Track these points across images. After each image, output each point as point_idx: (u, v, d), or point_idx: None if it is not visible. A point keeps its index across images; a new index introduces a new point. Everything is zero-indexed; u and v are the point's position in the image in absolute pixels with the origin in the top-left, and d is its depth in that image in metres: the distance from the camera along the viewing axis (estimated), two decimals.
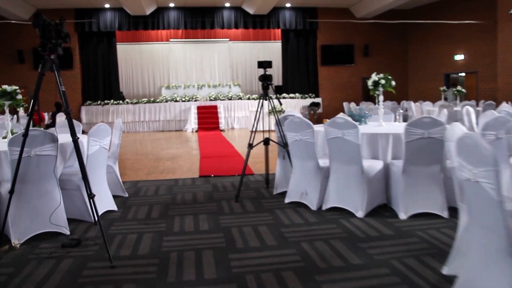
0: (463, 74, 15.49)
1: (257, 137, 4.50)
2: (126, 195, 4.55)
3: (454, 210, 3.66)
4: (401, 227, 3.39)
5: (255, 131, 4.45)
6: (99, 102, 14.59)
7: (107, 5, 14.27)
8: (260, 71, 4.54)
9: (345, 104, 14.47)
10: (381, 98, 4.84)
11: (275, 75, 15.96)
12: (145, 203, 4.29)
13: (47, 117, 11.42)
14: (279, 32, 16.63)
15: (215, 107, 14.48)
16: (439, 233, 3.23)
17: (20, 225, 3.04)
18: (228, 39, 16.87)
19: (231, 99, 15.07)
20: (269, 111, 4.42)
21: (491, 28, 13.36)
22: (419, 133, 3.48)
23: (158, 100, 14.86)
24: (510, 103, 8.62)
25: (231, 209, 4.01)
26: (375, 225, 3.45)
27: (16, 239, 3.00)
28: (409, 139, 3.50)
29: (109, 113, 14.41)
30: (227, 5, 14.98)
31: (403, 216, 3.62)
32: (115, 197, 4.39)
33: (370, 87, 4.68)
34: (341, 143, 3.67)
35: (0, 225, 2.95)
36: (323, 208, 3.89)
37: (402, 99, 14.86)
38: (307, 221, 3.57)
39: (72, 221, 3.52)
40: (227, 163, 6.75)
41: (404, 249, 2.91)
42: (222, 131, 13.57)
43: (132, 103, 14.65)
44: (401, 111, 5.44)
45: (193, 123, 13.94)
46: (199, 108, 14.40)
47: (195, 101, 14.91)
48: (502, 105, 8.50)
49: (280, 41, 16.52)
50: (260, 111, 4.31)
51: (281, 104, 4.26)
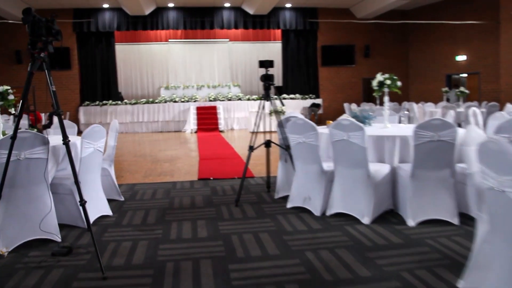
0: (465, 75, 15.36)
1: (258, 139, 4.33)
2: (122, 199, 4.38)
3: (464, 216, 3.52)
4: (410, 235, 3.22)
5: (256, 131, 4.28)
6: (97, 102, 14.42)
7: (105, 5, 14.11)
8: (261, 71, 4.36)
9: (345, 105, 14.33)
10: (386, 99, 4.69)
11: (275, 76, 15.79)
12: (141, 207, 4.12)
13: (44, 117, 11.27)
14: (279, 32, 16.50)
15: (215, 108, 14.32)
16: (450, 241, 3.07)
17: (8, 232, 2.87)
18: (227, 40, 16.73)
19: (230, 100, 14.92)
20: (269, 111, 4.24)
21: (493, 28, 13.23)
22: (429, 136, 3.32)
23: (157, 100, 14.69)
24: None
25: (231, 214, 3.84)
26: (382, 232, 3.29)
27: (4, 247, 2.83)
28: (418, 142, 3.34)
29: (107, 113, 14.25)
30: (227, 5, 14.84)
31: (411, 223, 3.46)
32: (111, 201, 4.23)
33: (374, 88, 4.53)
34: (347, 146, 3.50)
35: None
36: (327, 213, 3.73)
37: (403, 100, 14.72)
38: (310, 228, 3.40)
39: (64, 227, 3.35)
40: (226, 165, 6.59)
41: (414, 260, 2.75)
42: (221, 132, 13.41)
43: (130, 103, 14.48)
44: (406, 112, 5.28)
45: (192, 124, 13.77)
46: (199, 108, 14.24)
47: (194, 101, 14.75)
48: (507, 106, 8.36)
49: (280, 41, 16.39)
50: (261, 113, 4.14)
51: (283, 105, 4.10)
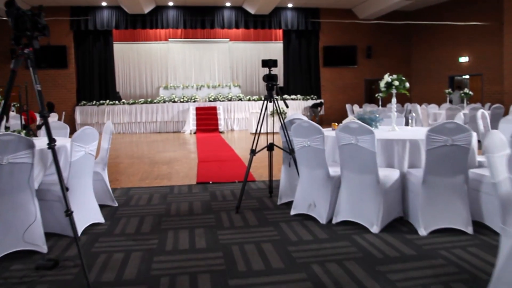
0: (467, 76, 15.15)
1: (260, 140, 4.10)
2: (115, 204, 4.15)
3: (477, 224, 3.31)
4: (423, 246, 3.01)
5: (258, 133, 4.03)
6: (94, 102, 14.19)
7: (104, 3, 13.90)
8: (263, 71, 4.14)
9: (347, 106, 14.12)
10: (394, 100, 4.47)
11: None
12: (136, 214, 3.90)
13: (38, 117, 11.05)
14: (280, 32, 16.30)
15: (215, 108, 14.10)
16: (466, 253, 2.86)
17: None
18: (228, 39, 16.52)
19: (230, 100, 14.72)
20: (271, 112, 4.01)
21: (497, 30, 13.04)
22: (442, 140, 3.10)
23: (155, 100, 14.47)
24: None
25: (231, 222, 3.62)
26: (393, 242, 3.07)
27: None
28: (430, 147, 3.12)
29: (105, 113, 14.02)
30: (228, 4, 14.63)
31: (423, 232, 3.24)
32: (104, 207, 4.01)
33: (382, 89, 4.31)
34: (355, 150, 3.29)
35: None
36: (333, 221, 3.51)
37: (405, 101, 14.52)
38: (316, 238, 3.19)
39: (52, 236, 3.13)
40: (226, 168, 6.37)
41: (429, 274, 2.53)
42: (221, 133, 13.19)
43: (128, 103, 14.26)
44: (414, 114, 5.06)
45: (191, 124, 13.55)
46: (198, 109, 14.02)
47: (194, 102, 14.53)
48: None
49: (281, 41, 16.18)
50: (264, 114, 3.92)
51: (287, 106, 3.87)
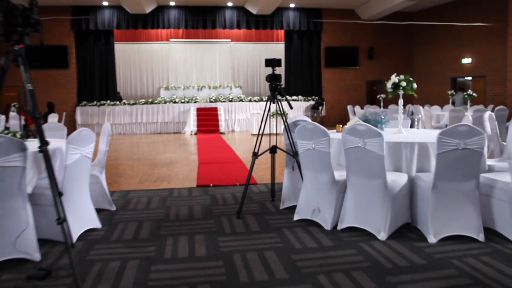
0: (470, 78, 15.00)
1: (262, 141, 3.95)
2: (113, 208, 4.02)
3: (488, 231, 3.17)
4: (433, 254, 2.87)
5: (262, 133, 3.89)
6: (95, 102, 14.08)
7: (105, 3, 13.79)
8: (265, 72, 4.01)
9: (349, 107, 13.99)
10: (400, 102, 4.33)
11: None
12: (134, 218, 3.77)
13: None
14: (282, 33, 16.18)
15: (215, 109, 13.97)
16: (479, 262, 2.72)
17: None
18: (229, 40, 16.39)
19: (231, 101, 14.59)
20: (271, 113, 3.87)
21: (501, 31, 12.90)
22: (454, 144, 2.97)
23: (156, 101, 14.35)
24: None
25: (233, 227, 3.48)
26: (401, 250, 2.94)
27: None
28: (442, 151, 2.99)
29: (105, 114, 13.90)
30: (230, 4, 14.51)
31: (432, 239, 3.11)
32: (101, 211, 3.89)
33: (389, 90, 4.17)
34: (362, 153, 3.15)
35: None
36: (339, 228, 3.38)
37: (407, 103, 14.39)
38: (321, 245, 3.05)
39: (46, 242, 3.00)
40: (227, 171, 6.24)
41: (442, 286, 2.40)
42: (222, 134, 13.07)
43: (129, 104, 14.14)
44: (420, 116, 4.93)
45: (192, 125, 13.43)
46: (199, 109, 13.90)
47: (195, 102, 14.41)
48: None
49: (283, 42, 16.05)
50: (267, 115, 3.78)
51: (291, 107, 3.73)
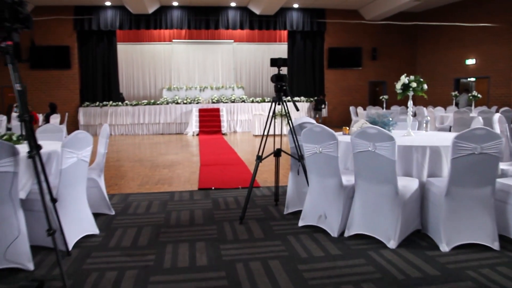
0: (473, 79, 14.78)
1: (266, 142, 3.80)
2: (112, 213, 3.89)
3: (502, 239, 3.02)
4: (446, 264, 2.73)
5: (266, 135, 3.74)
6: (97, 103, 13.99)
7: (107, 3, 13.69)
8: (267, 72, 3.88)
9: (351, 108, 13.84)
10: (410, 103, 4.20)
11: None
12: (133, 224, 3.63)
13: (41, 118, 10.84)
14: (285, 34, 16.05)
15: (218, 110, 13.86)
16: (495, 273, 2.58)
17: None
18: (232, 41, 16.28)
19: (234, 102, 14.48)
20: (274, 114, 3.73)
21: (505, 32, 12.72)
22: (470, 148, 2.82)
23: (158, 102, 14.25)
24: None
25: (235, 234, 3.35)
26: (413, 260, 2.79)
27: None
28: (457, 155, 2.84)
29: (108, 115, 13.81)
30: (233, 4, 14.39)
31: (445, 248, 2.96)
32: (100, 216, 3.76)
33: (398, 91, 4.03)
34: (372, 158, 3.01)
35: None
36: (346, 235, 3.23)
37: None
38: (328, 254, 2.91)
39: (41, 250, 2.87)
40: (229, 173, 6.10)
41: None
42: (224, 135, 12.94)
43: (131, 104, 14.04)
44: (429, 118, 4.77)
45: (194, 126, 13.31)
46: (201, 110, 13.78)
47: (197, 103, 14.30)
48: None
49: (286, 43, 15.92)
50: (272, 117, 3.64)
51: (298, 109, 3.59)
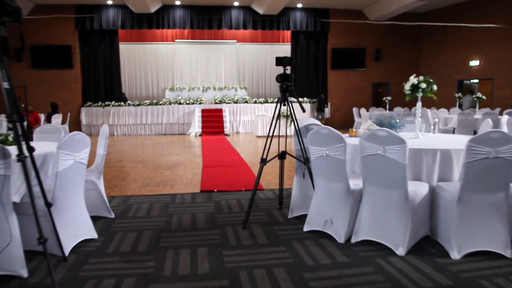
0: (476, 80, 14.62)
1: (269, 143, 3.69)
2: (112, 216, 3.79)
3: None
4: (458, 273, 2.61)
5: (271, 137, 3.63)
6: (99, 103, 13.92)
7: (109, 2, 13.62)
8: (270, 73, 3.77)
9: (354, 109, 13.71)
10: (418, 104, 4.08)
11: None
12: (133, 227, 3.53)
13: (43, 118, 10.77)
14: (288, 34, 15.95)
15: (220, 111, 13.76)
16: (510, 283, 2.45)
17: None
18: (235, 41, 16.19)
19: (237, 103, 14.38)
20: (278, 115, 3.62)
21: (510, 33, 12.56)
22: (485, 152, 2.70)
23: (161, 102, 14.17)
24: None
25: (238, 239, 3.23)
26: (423, 268, 2.67)
27: None
28: (470, 159, 2.72)
29: (110, 115, 13.74)
30: (236, 4, 14.29)
31: (455, 255, 2.84)
32: (99, 219, 3.66)
33: (407, 92, 3.92)
34: (381, 161, 2.89)
35: None
36: (352, 241, 3.12)
37: (413, 105, 14.07)
38: (335, 261, 2.79)
39: (36, 255, 2.77)
40: (232, 175, 5.99)
41: None
42: (226, 135, 12.84)
43: (134, 105, 13.96)
44: (437, 120, 4.65)
45: (196, 126, 13.22)
46: (204, 111, 13.69)
47: (200, 103, 14.21)
48: None
49: (289, 43, 15.82)
50: (277, 118, 3.53)
51: (304, 110, 3.48)
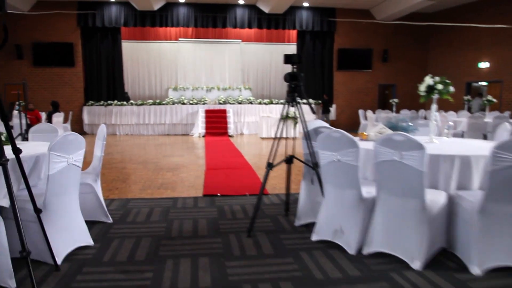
0: (485, 83, 14.34)
1: (273, 145, 3.50)
2: (109, 220, 3.60)
3: None
4: None
5: (278, 139, 3.44)
6: (102, 102, 13.77)
7: None
8: (275, 73, 3.58)
9: (360, 111, 13.50)
10: (434, 107, 3.86)
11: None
12: (132, 234, 3.34)
13: (44, 116, 10.64)
14: (293, 34, 15.74)
15: (224, 111, 13.57)
16: None
17: None
18: (240, 40, 16.00)
19: (241, 103, 14.18)
20: (283, 116, 3.43)
21: None
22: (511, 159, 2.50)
23: (164, 102, 14.00)
24: None
25: (242, 249, 3.04)
26: (442, 285, 2.47)
27: None
28: (496, 167, 2.51)
29: (112, 114, 13.59)
30: (241, 2, 14.10)
31: (476, 270, 2.63)
32: (96, 224, 3.48)
33: (421, 93, 3.71)
34: (397, 168, 2.69)
35: None
36: (364, 252, 2.92)
37: (419, 108, 13.87)
38: (346, 275, 2.59)
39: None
40: (236, 178, 5.80)
41: None
42: (230, 136, 12.64)
43: (136, 104, 13.80)
44: (451, 123, 4.44)
45: (200, 127, 13.04)
46: (207, 111, 13.51)
47: (203, 104, 14.03)
48: None
49: (295, 43, 15.60)
50: (284, 120, 3.34)
51: (314, 112, 3.29)
